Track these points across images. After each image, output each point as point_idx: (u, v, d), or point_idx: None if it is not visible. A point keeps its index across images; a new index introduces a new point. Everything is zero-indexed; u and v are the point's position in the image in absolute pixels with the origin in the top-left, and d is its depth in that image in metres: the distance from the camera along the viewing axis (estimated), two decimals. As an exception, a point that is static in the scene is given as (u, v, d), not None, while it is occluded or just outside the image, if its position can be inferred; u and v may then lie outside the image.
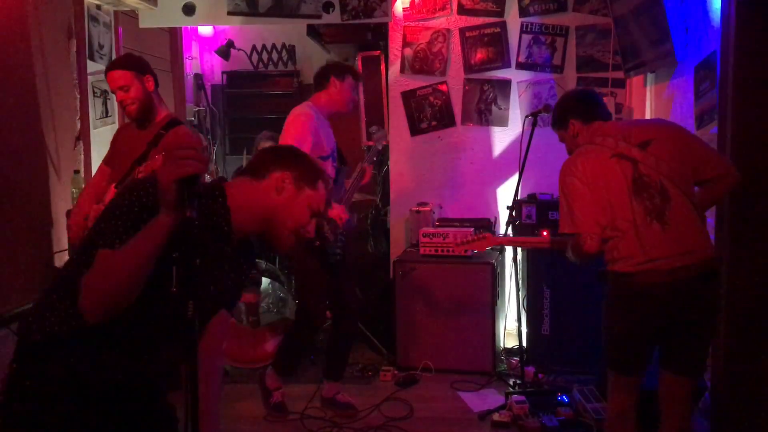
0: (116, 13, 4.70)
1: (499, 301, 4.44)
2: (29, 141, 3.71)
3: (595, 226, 2.48)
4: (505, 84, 4.87)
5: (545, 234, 4.20)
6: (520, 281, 4.19)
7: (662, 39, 3.71)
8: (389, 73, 5.00)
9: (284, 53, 6.46)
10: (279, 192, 1.74)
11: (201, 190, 1.48)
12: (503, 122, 4.89)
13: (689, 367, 2.54)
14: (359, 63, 5.52)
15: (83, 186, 3.73)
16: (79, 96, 4.20)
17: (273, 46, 6.46)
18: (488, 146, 4.92)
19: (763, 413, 3.02)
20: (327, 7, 4.72)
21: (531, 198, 4.47)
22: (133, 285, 1.50)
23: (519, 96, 4.86)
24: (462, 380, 4.15)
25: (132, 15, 4.87)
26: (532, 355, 4.21)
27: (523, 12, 4.80)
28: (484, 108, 4.91)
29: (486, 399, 3.89)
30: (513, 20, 4.81)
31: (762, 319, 3.02)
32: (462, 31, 4.86)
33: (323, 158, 3.55)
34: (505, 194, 4.80)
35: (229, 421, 3.66)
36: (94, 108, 4.38)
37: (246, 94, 6.51)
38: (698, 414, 3.20)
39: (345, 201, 3.68)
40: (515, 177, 3.96)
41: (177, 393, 1.89)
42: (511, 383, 4.07)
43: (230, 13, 4.80)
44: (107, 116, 4.55)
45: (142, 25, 4.89)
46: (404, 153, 4.99)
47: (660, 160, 2.48)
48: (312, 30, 5.54)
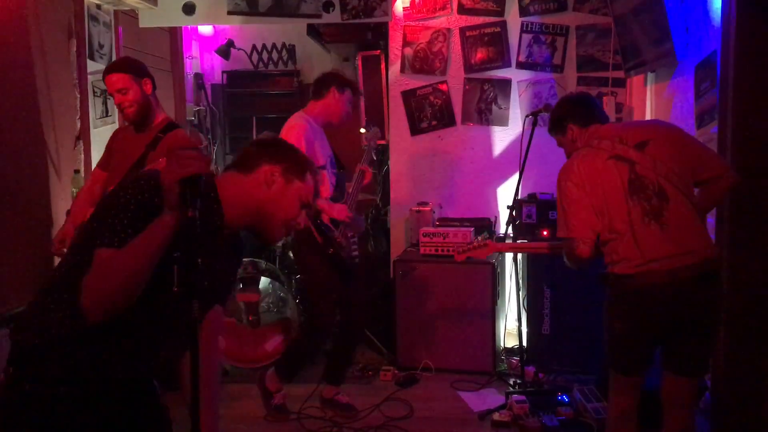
0: (116, 13, 4.70)
1: (500, 301, 4.44)
2: (29, 141, 3.71)
3: (589, 232, 2.49)
4: (506, 83, 4.87)
5: (545, 234, 4.20)
6: (521, 281, 4.19)
7: (662, 38, 3.71)
8: (389, 73, 5.00)
9: (284, 53, 6.45)
10: (269, 185, 1.74)
11: (203, 190, 1.49)
12: (503, 122, 4.89)
13: (691, 368, 2.54)
14: (359, 62, 5.51)
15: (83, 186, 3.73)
16: (79, 95, 4.19)
17: (273, 46, 6.46)
18: (488, 146, 4.92)
19: (764, 413, 3.02)
20: (327, 7, 4.72)
21: (531, 197, 4.46)
22: (136, 284, 1.50)
23: (519, 95, 4.86)
24: (462, 380, 4.15)
25: (132, 14, 4.87)
26: (533, 355, 4.21)
27: (524, 11, 4.80)
28: (485, 107, 4.90)
29: (486, 399, 3.89)
30: (513, 20, 4.81)
31: (762, 319, 3.02)
32: (462, 31, 4.86)
33: (320, 168, 3.55)
34: (506, 194, 4.80)
35: (229, 421, 3.65)
36: (94, 107, 4.38)
37: (246, 94, 6.51)
38: (699, 413, 3.20)
39: (349, 205, 3.67)
40: (515, 176, 3.96)
41: (175, 393, 1.90)
42: (512, 383, 4.07)
43: (230, 13, 4.80)
44: (107, 116, 4.55)
45: (142, 25, 4.89)
46: (404, 152, 4.99)
47: (657, 161, 2.48)
48: (312, 29, 5.53)
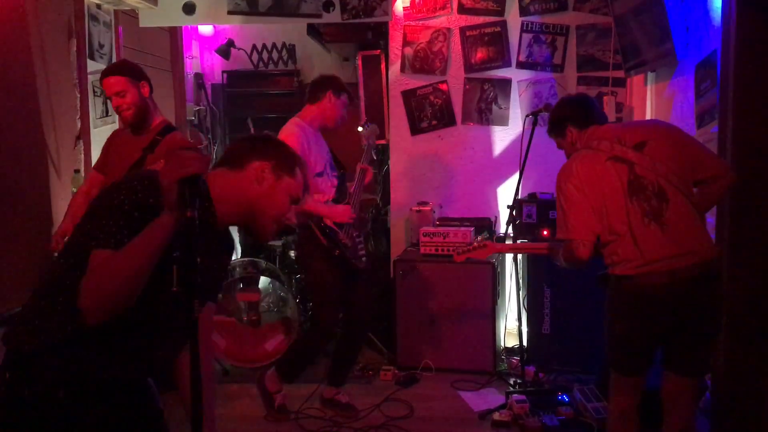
0: (116, 13, 4.70)
1: (500, 301, 4.43)
2: (29, 141, 3.71)
3: (589, 234, 2.49)
4: (506, 83, 4.86)
5: (546, 234, 4.20)
6: (521, 280, 4.19)
7: (663, 38, 3.71)
8: (389, 73, 5.00)
9: (284, 52, 6.45)
10: (259, 182, 1.74)
11: (202, 191, 1.48)
12: (504, 121, 4.89)
13: (692, 368, 2.54)
14: (359, 62, 5.51)
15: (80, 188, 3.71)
16: (79, 95, 4.19)
17: (273, 46, 6.46)
18: (489, 145, 4.92)
19: (764, 413, 3.02)
20: (327, 7, 4.72)
21: (531, 197, 4.46)
22: (136, 285, 1.49)
23: (519, 95, 4.86)
24: (462, 379, 4.15)
25: (132, 14, 4.87)
26: (533, 355, 4.21)
27: (524, 11, 4.80)
28: (485, 107, 4.90)
29: (486, 398, 3.89)
30: (513, 19, 4.81)
31: (762, 319, 3.02)
32: (462, 30, 4.85)
33: (318, 175, 3.54)
34: (506, 193, 4.79)
35: (229, 421, 3.65)
36: (94, 107, 4.37)
37: (246, 94, 6.50)
38: (699, 413, 3.20)
39: (353, 204, 3.67)
40: (516, 176, 3.96)
41: (173, 393, 1.90)
42: (512, 382, 4.07)
43: (230, 13, 4.80)
44: (107, 115, 4.54)
45: (143, 25, 4.89)
46: (404, 152, 4.99)
47: (657, 161, 2.47)
48: (312, 29, 5.53)
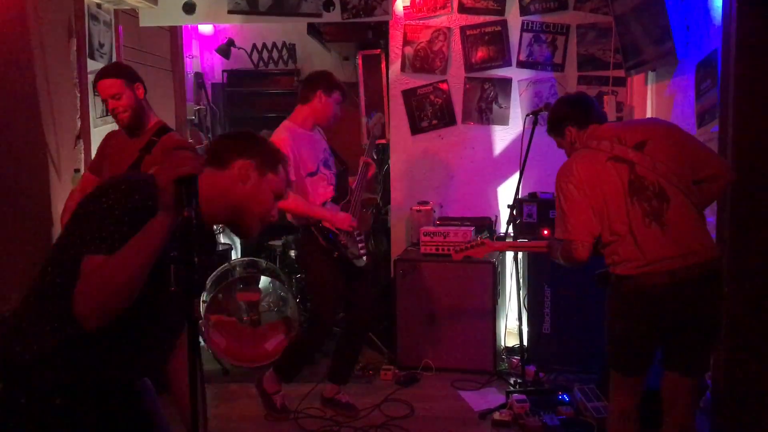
0: (116, 12, 4.69)
1: (500, 300, 4.43)
2: (29, 140, 3.70)
3: (588, 235, 2.49)
4: (506, 82, 4.86)
5: (546, 233, 4.20)
6: (521, 280, 4.18)
7: (663, 37, 3.70)
8: (390, 72, 4.99)
9: (285, 52, 6.45)
10: (244, 181, 1.74)
11: (208, 189, 1.48)
12: (504, 121, 4.89)
13: (691, 367, 2.54)
14: (360, 61, 5.51)
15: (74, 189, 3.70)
16: (80, 95, 4.19)
17: (273, 45, 6.46)
18: (489, 145, 4.91)
19: (764, 413, 3.02)
20: (327, 6, 4.71)
21: (532, 197, 4.46)
22: (134, 288, 1.49)
23: (520, 94, 4.85)
24: (463, 379, 4.15)
25: (132, 14, 4.86)
26: (533, 354, 4.21)
27: (524, 10, 4.79)
28: (485, 106, 4.90)
29: (487, 398, 3.89)
30: (514, 19, 4.81)
31: (762, 319, 3.01)
32: (463, 30, 4.85)
33: (310, 174, 3.53)
34: (506, 193, 4.79)
35: (229, 421, 3.65)
36: (95, 107, 4.37)
37: (246, 93, 6.51)
38: (699, 413, 3.20)
39: (355, 200, 3.66)
40: (516, 175, 3.96)
41: (163, 395, 1.90)
42: (512, 382, 4.07)
43: (231, 12, 4.80)
44: (107, 115, 4.51)
45: (143, 24, 4.89)
46: (405, 152, 4.99)
47: (657, 161, 2.47)
48: (312, 28, 5.53)
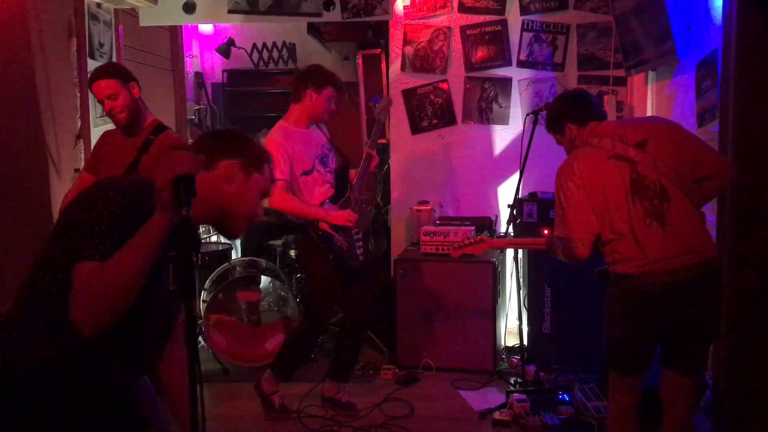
0: (117, 12, 4.70)
1: (500, 300, 4.43)
2: (29, 140, 3.71)
3: (588, 234, 2.49)
4: (506, 82, 4.86)
5: (546, 233, 4.19)
6: (521, 279, 4.18)
7: (663, 37, 3.70)
8: (390, 72, 4.99)
9: (285, 51, 6.45)
10: (230, 181, 1.73)
11: (196, 190, 1.48)
12: (504, 120, 4.88)
13: (690, 367, 2.53)
14: (360, 61, 5.51)
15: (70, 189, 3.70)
16: (80, 94, 4.19)
17: (273, 44, 6.46)
18: (489, 144, 4.91)
19: (764, 412, 3.02)
20: (327, 5, 4.71)
21: (532, 196, 4.45)
22: (133, 290, 1.47)
23: (520, 94, 4.85)
24: (463, 379, 4.15)
25: (132, 13, 4.87)
26: (533, 354, 4.21)
27: (524, 10, 4.79)
28: (485, 106, 4.90)
29: (487, 397, 3.88)
30: (514, 18, 4.80)
31: (762, 319, 3.01)
32: (463, 29, 4.85)
33: (305, 173, 3.52)
34: (506, 192, 4.79)
35: (229, 421, 3.65)
36: (95, 106, 4.36)
37: (246, 92, 6.51)
38: (699, 412, 3.20)
39: (355, 193, 3.64)
40: (516, 175, 3.96)
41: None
42: (512, 382, 4.07)
43: (231, 12, 4.80)
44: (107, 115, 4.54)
45: (143, 24, 4.89)
46: (405, 151, 4.99)
47: (658, 160, 2.47)
48: (312, 28, 5.53)
